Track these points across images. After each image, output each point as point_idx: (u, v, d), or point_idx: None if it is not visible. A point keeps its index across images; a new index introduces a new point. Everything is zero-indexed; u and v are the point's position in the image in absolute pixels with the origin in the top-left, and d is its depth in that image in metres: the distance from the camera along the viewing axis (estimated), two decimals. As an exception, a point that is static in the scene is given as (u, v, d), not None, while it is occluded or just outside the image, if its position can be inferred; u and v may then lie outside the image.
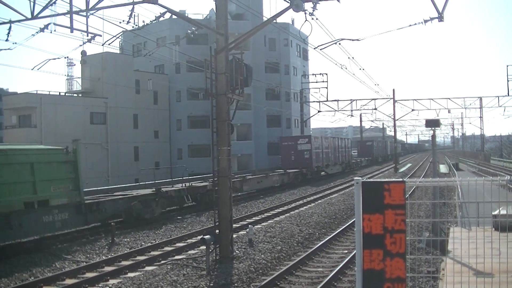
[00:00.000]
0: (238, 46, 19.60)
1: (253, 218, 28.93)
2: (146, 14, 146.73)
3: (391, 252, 6.58)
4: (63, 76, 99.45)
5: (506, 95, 70.36)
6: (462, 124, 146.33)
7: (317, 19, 18.83)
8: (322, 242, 21.30)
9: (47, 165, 21.47)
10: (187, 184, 32.61)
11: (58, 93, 60.90)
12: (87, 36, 21.24)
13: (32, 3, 18.85)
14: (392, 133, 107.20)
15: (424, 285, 13.16)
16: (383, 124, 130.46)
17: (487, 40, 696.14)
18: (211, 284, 15.39)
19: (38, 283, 15.98)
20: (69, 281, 16.38)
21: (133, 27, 20.93)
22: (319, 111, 75.30)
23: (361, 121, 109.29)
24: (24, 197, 20.19)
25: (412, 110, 74.79)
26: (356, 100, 74.57)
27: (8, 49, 25.41)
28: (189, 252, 20.38)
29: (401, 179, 6.76)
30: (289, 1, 17.25)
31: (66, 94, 64.58)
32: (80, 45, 40.48)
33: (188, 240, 22.67)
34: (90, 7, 18.55)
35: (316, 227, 25.13)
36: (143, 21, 22.96)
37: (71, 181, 22.34)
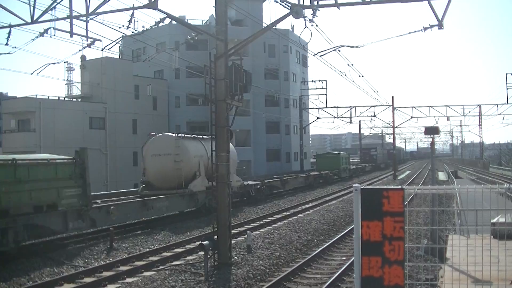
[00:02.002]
0: (238, 52, 19.61)
1: (252, 224, 28.89)
2: (146, 19, 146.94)
3: (390, 259, 6.58)
4: (63, 81, 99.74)
5: (505, 103, 70.72)
6: (461, 132, 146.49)
7: (316, 25, 18.85)
8: (320, 249, 21.29)
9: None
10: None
11: (57, 98, 60.89)
12: (87, 41, 21.24)
13: (32, 8, 18.88)
14: (391, 140, 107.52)
15: (422, 293, 13.14)
16: (382, 131, 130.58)
17: (487, 48, 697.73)
18: (209, 290, 15.38)
19: (36, 288, 15.95)
20: (67, 286, 16.35)
21: (132, 32, 20.90)
22: (318, 118, 75.54)
23: (360, 128, 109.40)
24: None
25: (411, 117, 75.08)
26: (355, 107, 74.99)
27: (8, 53, 25.36)
28: (188, 258, 20.34)
29: (400, 187, 6.76)
30: (289, 8, 17.27)
31: (66, 99, 64.61)
32: (80, 50, 40.37)
33: (187, 246, 22.63)
34: (90, 12, 18.57)
35: (314, 234, 25.12)
36: (143, 26, 22.93)
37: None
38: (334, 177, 66.60)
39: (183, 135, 34.67)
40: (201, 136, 36.01)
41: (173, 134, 34.69)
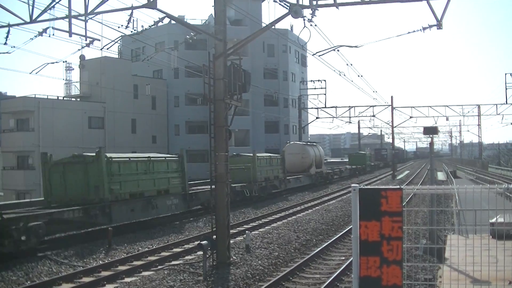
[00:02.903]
0: (237, 52, 19.61)
1: (251, 224, 28.89)
2: (145, 19, 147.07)
3: (388, 259, 6.57)
4: (62, 80, 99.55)
5: (504, 103, 70.63)
6: (460, 132, 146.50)
7: (315, 25, 18.83)
8: (319, 249, 21.29)
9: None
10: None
11: (56, 97, 60.95)
12: (86, 40, 21.18)
13: (30, 7, 18.85)
14: (390, 140, 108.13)
15: (421, 293, 13.14)
16: (381, 131, 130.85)
17: (486, 48, 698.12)
18: (208, 290, 15.37)
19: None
20: (65, 286, 16.34)
21: (131, 32, 20.86)
22: (317, 118, 75.37)
23: (359, 128, 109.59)
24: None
25: (410, 117, 75.04)
26: (354, 106, 74.70)
27: (7, 52, 25.23)
28: (186, 257, 20.34)
29: (398, 186, 6.76)
30: (288, 8, 17.26)
31: (64, 98, 64.64)
32: (79, 50, 40.23)
33: (185, 246, 22.63)
34: (89, 11, 18.54)
35: (313, 234, 25.13)
36: (142, 26, 22.89)
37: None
38: (367, 169, 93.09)
39: (305, 143, 62.00)
40: (311, 143, 63.53)
41: (301, 143, 61.68)
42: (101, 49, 24.53)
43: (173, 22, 25.17)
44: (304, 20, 18.09)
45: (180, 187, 30.70)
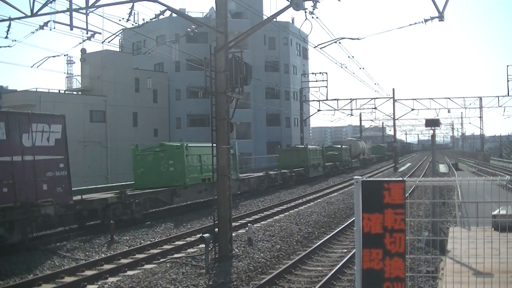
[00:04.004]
0: (238, 45, 19.58)
1: (253, 216, 28.90)
2: (146, 12, 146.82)
3: (391, 251, 6.57)
4: (63, 74, 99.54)
5: (506, 95, 70.48)
6: (461, 124, 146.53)
7: (317, 17, 18.83)
8: (321, 241, 21.28)
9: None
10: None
11: (57, 91, 60.98)
12: (87, 33, 21.20)
13: (31, 1, 18.83)
14: (391, 133, 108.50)
15: (423, 285, 13.15)
16: (382, 123, 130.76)
17: (487, 40, 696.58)
18: (210, 283, 15.39)
19: (37, 281, 15.96)
20: (68, 279, 16.36)
21: (133, 25, 20.84)
22: (318, 110, 75.27)
23: (360, 120, 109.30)
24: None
25: (412, 109, 74.88)
26: (356, 99, 74.53)
27: (8, 46, 25.34)
28: (188, 250, 20.36)
29: (400, 179, 6.75)
30: (289, 0, 17.23)
31: (66, 92, 64.63)
32: (80, 43, 40.37)
33: (188, 239, 22.65)
34: (89, 4, 18.53)
35: (315, 226, 25.13)
36: (143, 19, 22.95)
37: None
38: (385, 157, 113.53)
39: (356, 139, 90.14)
40: (360, 139, 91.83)
41: (354, 139, 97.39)
42: (102, 43, 24.48)
43: (174, 15, 25.14)
44: (305, 12, 18.06)
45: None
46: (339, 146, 72.21)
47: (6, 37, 21.37)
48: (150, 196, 28.59)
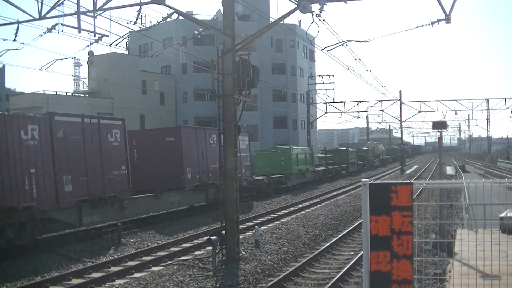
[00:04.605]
0: (245, 47, 19.60)
1: (260, 219, 28.93)
2: (153, 14, 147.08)
3: (398, 254, 6.58)
4: (70, 76, 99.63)
5: (513, 97, 70.17)
6: (469, 126, 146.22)
7: (324, 20, 18.81)
8: (328, 244, 21.27)
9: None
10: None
11: (65, 93, 61.12)
12: (94, 36, 21.27)
13: (39, 4, 18.89)
14: (398, 135, 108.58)
15: (430, 287, 13.14)
16: (389, 125, 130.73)
17: (494, 42, 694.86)
18: (217, 285, 15.41)
19: (45, 283, 16.03)
20: (75, 281, 16.42)
21: (140, 27, 20.95)
22: (325, 112, 75.09)
23: (367, 122, 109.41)
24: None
25: (419, 111, 74.62)
26: (362, 101, 74.34)
27: (16, 49, 25.47)
28: (195, 252, 20.40)
29: (408, 181, 6.75)
30: (296, 3, 17.24)
31: (73, 94, 64.75)
32: (87, 46, 40.48)
33: (195, 241, 22.69)
34: (97, 7, 18.58)
35: (322, 229, 25.11)
36: (150, 22, 23.01)
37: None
38: (397, 158, 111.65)
39: (377, 142, 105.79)
40: (379, 142, 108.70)
41: (375, 142, 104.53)
42: (109, 45, 24.71)
43: (181, 17, 25.18)
44: (312, 15, 18.05)
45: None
46: (366, 148, 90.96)
47: (15, 40, 21.48)
48: (277, 179, 45.21)
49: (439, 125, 20.46)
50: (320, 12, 17.99)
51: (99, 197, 23.15)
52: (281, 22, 19.73)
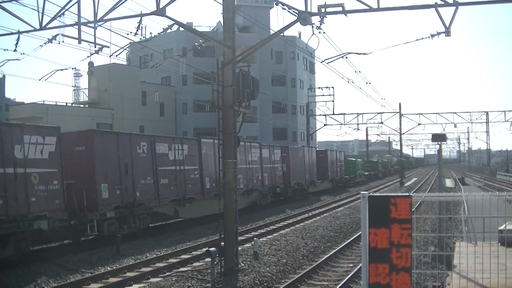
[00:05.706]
0: (245, 59, 19.62)
1: (259, 230, 28.90)
2: (154, 26, 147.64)
3: (397, 266, 6.58)
4: (70, 87, 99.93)
5: (512, 110, 70.31)
6: (468, 139, 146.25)
7: (324, 32, 18.87)
8: (327, 256, 21.25)
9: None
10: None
11: (64, 104, 61.12)
12: (95, 47, 21.34)
13: (40, 14, 18.96)
14: (398, 147, 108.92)
15: (429, 300, 13.11)
16: (389, 138, 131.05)
17: (494, 55, 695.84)
18: (216, 297, 15.38)
19: (43, 294, 15.99)
20: (74, 292, 16.38)
21: (140, 39, 20.97)
22: (325, 125, 75.19)
23: (367, 134, 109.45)
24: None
25: (418, 124, 74.80)
26: (362, 113, 74.56)
27: (16, 59, 25.38)
28: (194, 264, 20.36)
29: (407, 194, 6.76)
30: (296, 15, 17.31)
31: (73, 105, 64.81)
32: (88, 56, 40.56)
33: (193, 252, 22.65)
34: (98, 18, 18.64)
35: (321, 241, 25.08)
36: (151, 33, 23.04)
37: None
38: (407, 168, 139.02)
39: (390, 155, 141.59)
40: (393, 155, 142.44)
41: (389, 155, 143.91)
42: (109, 56, 24.60)
43: (181, 29, 25.25)
44: (312, 27, 18.12)
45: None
46: (386, 160, 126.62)
47: (15, 50, 21.49)
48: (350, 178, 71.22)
49: (439, 138, 20.45)
50: (320, 24, 18.06)
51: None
52: (281, 34, 19.77)
